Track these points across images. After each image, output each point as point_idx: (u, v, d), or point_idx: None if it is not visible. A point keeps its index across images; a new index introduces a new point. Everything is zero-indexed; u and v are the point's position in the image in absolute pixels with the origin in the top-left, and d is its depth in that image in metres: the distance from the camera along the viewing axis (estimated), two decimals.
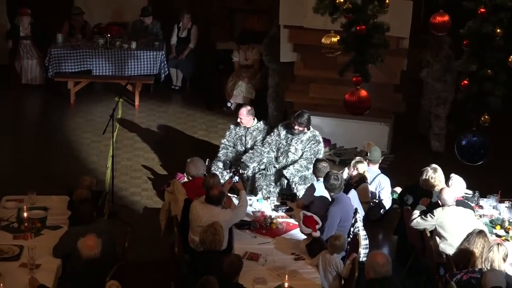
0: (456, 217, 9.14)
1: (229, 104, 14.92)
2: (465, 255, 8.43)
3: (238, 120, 11.64)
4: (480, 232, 8.49)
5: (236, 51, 15.15)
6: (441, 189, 9.52)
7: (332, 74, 11.73)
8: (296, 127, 11.29)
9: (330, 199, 9.54)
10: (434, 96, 13.19)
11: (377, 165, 11.49)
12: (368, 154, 11.39)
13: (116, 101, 12.54)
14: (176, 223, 9.32)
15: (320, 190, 9.81)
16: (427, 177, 10.09)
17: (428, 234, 9.30)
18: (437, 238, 9.24)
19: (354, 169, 11.04)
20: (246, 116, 11.62)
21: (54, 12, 16.32)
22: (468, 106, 8.52)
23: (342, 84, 12.21)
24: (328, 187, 9.44)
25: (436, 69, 13.03)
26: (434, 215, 9.22)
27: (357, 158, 11.35)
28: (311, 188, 10.15)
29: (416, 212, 9.43)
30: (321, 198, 9.76)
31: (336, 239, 8.62)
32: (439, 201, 9.40)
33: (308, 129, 11.37)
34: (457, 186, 9.88)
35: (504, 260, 8.14)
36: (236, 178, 9.86)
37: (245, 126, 11.65)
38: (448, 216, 9.17)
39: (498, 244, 8.21)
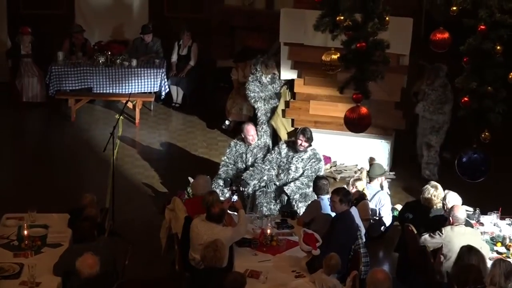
0: (464, 238, 9.05)
1: (227, 122, 14.92)
2: (463, 273, 8.35)
3: (250, 138, 11.58)
4: (470, 249, 8.45)
5: (234, 69, 15.16)
6: (453, 207, 9.45)
7: (333, 91, 11.79)
8: (303, 143, 11.25)
9: (331, 217, 9.51)
10: (429, 124, 12.96)
11: (378, 183, 11.48)
12: (369, 169, 11.41)
13: (117, 119, 12.55)
14: (177, 241, 9.32)
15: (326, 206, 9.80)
16: (429, 195, 10.09)
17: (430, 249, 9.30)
18: (442, 258, 9.18)
19: (353, 186, 11.05)
20: (255, 133, 11.67)
21: (55, 30, 16.36)
22: (468, 123, 8.53)
23: (343, 101, 12.23)
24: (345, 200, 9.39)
25: (432, 99, 12.79)
26: (442, 233, 9.19)
27: (356, 175, 11.37)
28: (312, 206, 10.14)
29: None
30: (322, 216, 9.74)
31: (330, 259, 8.52)
32: (450, 218, 9.37)
33: (310, 145, 11.36)
34: (454, 203, 9.85)
35: (506, 276, 8.08)
36: (235, 197, 9.85)
37: (246, 143, 11.63)
38: (456, 236, 9.11)
39: (501, 260, 8.19)
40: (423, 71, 13.19)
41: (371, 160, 11.97)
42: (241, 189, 11.29)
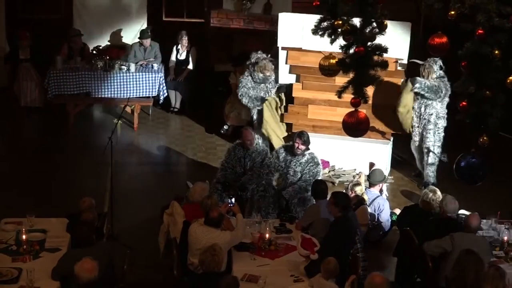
0: (473, 246, 9.02)
1: (226, 127, 14.91)
2: (461, 277, 8.34)
3: (248, 143, 11.55)
4: (468, 253, 8.44)
5: (233, 73, 15.15)
6: (470, 215, 9.44)
7: (331, 95, 11.79)
8: (300, 146, 11.26)
9: (330, 221, 9.50)
10: (423, 121, 12.77)
11: (377, 188, 11.48)
12: (369, 174, 11.41)
13: (115, 123, 12.55)
14: (175, 245, 9.31)
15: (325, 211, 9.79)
16: (427, 200, 10.09)
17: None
18: (445, 263, 9.15)
19: (351, 191, 11.04)
20: (253, 137, 11.68)
21: (53, 34, 16.35)
22: (467, 127, 8.54)
23: (341, 106, 12.23)
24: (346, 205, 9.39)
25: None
26: (454, 239, 9.16)
27: (354, 180, 11.36)
28: (310, 210, 10.13)
29: None
30: (320, 220, 9.73)
31: (328, 263, 8.50)
32: (462, 223, 9.38)
33: (308, 149, 11.37)
34: (451, 206, 9.84)
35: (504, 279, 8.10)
36: (233, 201, 9.84)
37: (245, 148, 11.62)
38: (466, 244, 9.07)
39: (496, 267, 8.18)
40: (416, 69, 13.11)
41: (372, 165, 11.93)
42: (239, 193, 11.28)
